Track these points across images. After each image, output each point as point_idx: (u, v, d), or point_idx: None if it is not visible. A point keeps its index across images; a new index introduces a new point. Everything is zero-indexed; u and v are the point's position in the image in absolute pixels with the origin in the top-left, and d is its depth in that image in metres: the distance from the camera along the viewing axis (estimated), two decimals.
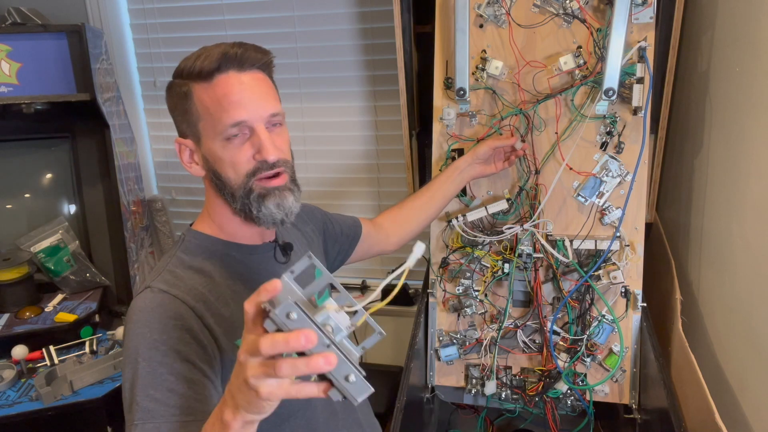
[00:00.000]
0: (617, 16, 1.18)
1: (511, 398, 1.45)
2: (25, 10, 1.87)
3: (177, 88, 0.88)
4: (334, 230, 1.24)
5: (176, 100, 0.88)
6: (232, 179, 0.88)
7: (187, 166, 0.90)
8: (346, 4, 2.03)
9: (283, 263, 0.99)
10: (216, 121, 0.84)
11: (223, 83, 0.84)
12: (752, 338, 1.02)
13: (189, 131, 0.89)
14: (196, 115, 0.86)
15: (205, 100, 0.85)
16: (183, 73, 0.87)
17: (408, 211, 1.35)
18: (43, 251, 1.82)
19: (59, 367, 1.49)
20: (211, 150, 0.87)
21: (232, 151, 0.86)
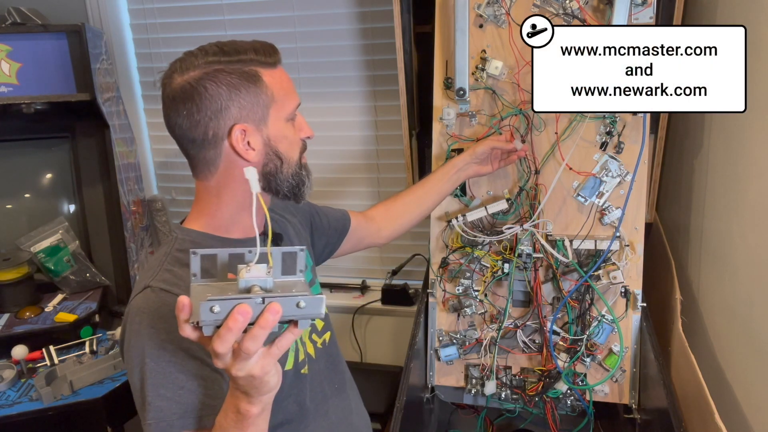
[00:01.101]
0: (617, 16, 1.18)
1: (511, 398, 1.45)
2: (25, 10, 1.86)
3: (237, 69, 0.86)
4: (321, 223, 1.23)
5: (236, 82, 0.86)
6: (291, 157, 0.93)
7: (244, 152, 0.88)
8: (346, 4, 2.02)
9: None
10: (285, 103, 0.91)
11: (282, 72, 0.92)
12: (752, 338, 1.02)
13: (252, 115, 0.88)
14: (267, 98, 0.89)
15: (275, 84, 0.90)
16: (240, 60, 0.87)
17: (401, 206, 1.35)
18: (43, 251, 1.82)
19: (59, 367, 1.49)
20: (279, 132, 0.91)
21: (292, 131, 0.94)
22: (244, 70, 0.86)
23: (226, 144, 0.87)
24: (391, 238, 1.37)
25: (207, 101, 0.85)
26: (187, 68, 0.86)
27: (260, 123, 0.89)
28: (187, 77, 0.85)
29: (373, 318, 2.30)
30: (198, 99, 0.85)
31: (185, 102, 0.85)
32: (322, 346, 1.09)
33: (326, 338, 1.11)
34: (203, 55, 0.86)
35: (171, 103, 0.87)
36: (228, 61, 0.86)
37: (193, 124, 0.86)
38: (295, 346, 1.00)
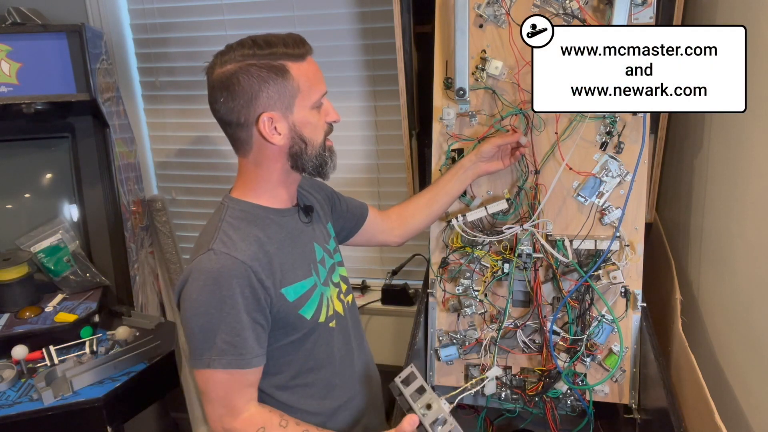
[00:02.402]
0: (617, 16, 1.18)
1: (511, 398, 1.45)
2: (25, 10, 1.86)
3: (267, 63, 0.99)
4: (341, 207, 1.34)
5: (265, 75, 0.99)
6: (315, 140, 1.05)
7: (270, 136, 1.01)
8: (346, 4, 2.03)
9: (306, 222, 1.17)
10: (311, 92, 1.02)
11: (310, 63, 1.03)
12: (752, 338, 1.02)
13: (279, 104, 1.01)
14: (294, 90, 1.01)
15: (301, 76, 1.01)
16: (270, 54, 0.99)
17: (413, 208, 1.41)
18: (43, 251, 1.82)
19: (59, 367, 1.49)
20: (304, 119, 1.03)
21: (318, 116, 1.05)
22: (273, 64, 0.99)
23: (255, 130, 1.02)
24: (404, 238, 1.44)
25: (240, 91, 0.99)
26: (226, 61, 0.99)
27: (287, 111, 1.02)
28: (225, 69, 0.99)
29: (373, 318, 2.30)
30: (232, 89, 0.99)
31: (222, 90, 1.00)
32: (348, 306, 1.25)
33: (349, 300, 1.27)
34: (240, 48, 0.99)
35: (212, 91, 1.02)
36: (260, 55, 0.98)
37: (228, 109, 1.01)
38: (327, 302, 1.16)
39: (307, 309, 1.09)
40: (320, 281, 1.14)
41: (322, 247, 1.19)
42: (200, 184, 2.41)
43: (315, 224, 1.20)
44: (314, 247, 1.16)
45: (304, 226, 1.15)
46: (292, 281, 1.07)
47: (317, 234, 1.19)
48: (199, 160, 2.38)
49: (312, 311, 1.10)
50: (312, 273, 1.13)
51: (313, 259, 1.15)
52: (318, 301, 1.12)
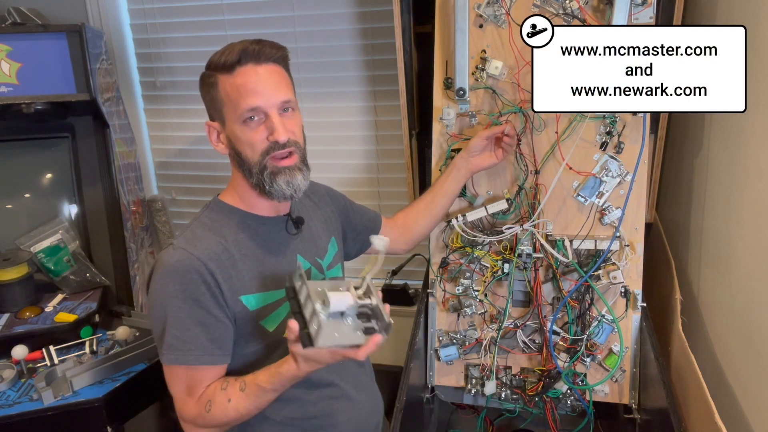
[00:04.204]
0: (617, 16, 1.18)
1: (511, 398, 1.45)
2: (25, 10, 1.86)
3: (206, 78, 1.04)
4: (354, 220, 1.33)
5: (206, 89, 1.04)
6: (249, 157, 1.02)
7: (215, 144, 1.06)
8: (346, 4, 2.02)
9: (293, 235, 1.13)
10: (236, 106, 1.00)
11: (242, 74, 0.99)
12: (752, 338, 1.02)
13: (216, 116, 1.05)
14: (221, 102, 1.02)
15: (228, 88, 1.00)
16: (211, 65, 1.02)
17: (414, 214, 1.40)
18: (43, 251, 1.82)
19: (59, 367, 1.49)
20: (232, 131, 1.02)
21: (249, 132, 1.01)
22: (208, 79, 1.03)
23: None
24: (411, 245, 1.43)
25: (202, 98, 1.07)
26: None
27: (220, 122, 1.05)
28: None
29: None
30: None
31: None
32: None
33: None
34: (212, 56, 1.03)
35: None
36: (210, 64, 1.03)
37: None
38: None
39: (270, 321, 1.06)
40: None
41: (309, 260, 1.15)
42: (200, 184, 2.41)
43: (305, 237, 1.16)
44: (297, 259, 1.13)
45: (289, 238, 1.12)
46: (255, 290, 1.04)
47: (305, 246, 1.15)
48: (199, 160, 2.38)
49: (276, 324, 1.07)
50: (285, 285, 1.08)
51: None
52: (285, 314, 1.08)
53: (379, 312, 0.90)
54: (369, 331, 0.90)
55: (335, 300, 0.88)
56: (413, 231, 1.40)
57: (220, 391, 1.00)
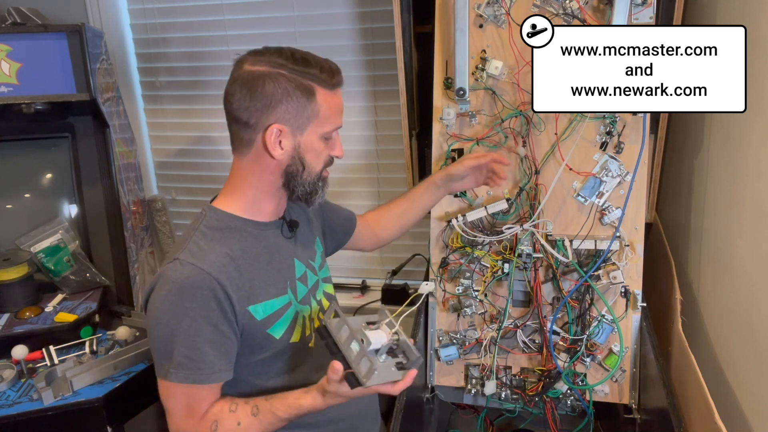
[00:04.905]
0: (617, 16, 1.18)
1: (511, 398, 1.45)
2: (25, 10, 1.86)
3: (297, 79, 0.98)
4: (331, 219, 1.33)
5: (291, 89, 0.98)
6: (311, 167, 1.04)
7: (273, 148, 1.00)
8: (346, 4, 2.02)
9: (288, 238, 1.13)
10: (326, 122, 1.02)
11: (338, 95, 1.04)
12: (752, 338, 1.02)
13: (293, 120, 0.99)
14: (312, 112, 1.00)
15: (326, 103, 1.01)
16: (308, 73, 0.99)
17: (385, 221, 1.42)
18: (43, 251, 1.82)
19: (59, 367, 1.48)
20: (309, 142, 1.02)
21: (324, 146, 1.05)
22: (302, 81, 0.98)
23: (260, 136, 0.99)
24: (376, 246, 1.46)
25: (260, 95, 0.97)
26: (259, 61, 0.98)
27: (297, 130, 1.00)
28: (254, 68, 0.98)
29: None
30: (254, 89, 0.97)
31: (244, 87, 0.98)
32: None
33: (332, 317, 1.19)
34: (277, 54, 0.98)
35: (233, 83, 0.99)
36: (294, 68, 0.98)
37: (242, 107, 0.98)
38: (303, 322, 1.12)
39: (276, 328, 1.05)
40: (297, 299, 1.11)
41: (304, 263, 1.16)
42: (200, 184, 2.41)
43: (299, 239, 1.16)
44: (294, 263, 1.13)
45: (285, 241, 1.12)
46: (262, 299, 1.04)
47: (300, 250, 1.16)
48: (199, 160, 2.38)
49: (282, 331, 1.06)
50: (287, 291, 1.09)
51: (290, 276, 1.11)
52: (291, 320, 1.08)
53: (408, 347, 0.94)
54: (401, 365, 0.94)
55: (373, 338, 0.91)
56: (381, 237, 1.42)
57: (228, 413, 1.00)
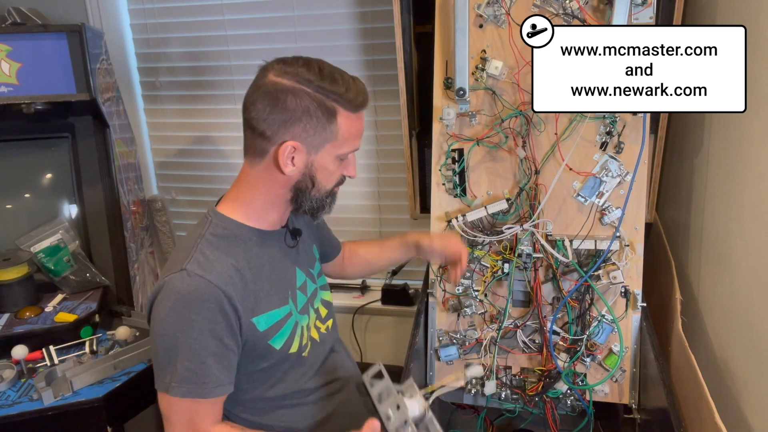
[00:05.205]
0: (617, 16, 1.18)
1: (511, 398, 1.45)
2: (25, 10, 1.86)
3: (320, 99, 0.96)
4: (322, 235, 1.32)
5: (313, 108, 0.95)
6: (324, 185, 1.03)
7: (285, 165, 0.98)
8: (346, 4, 2.03)
9: (291, 247, 1.13)
10: (344, 144, 1.00)
11: (361, 118, 1.02)
12: (752, 338, 1.02)
13: (309, 139, 0.97)
14: (331, 133, 0.98)
15: (346, 125, 0.99)
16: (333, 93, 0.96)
17: (358, 259, 1.43)
18: (43, 251, 1.82)
19: (59, 367, 1.48)
20: (322, 162, 1.00)
21: (338, 167, 1.03)
22: (325, 102, 0.96)
23: (274, 149, 0.97)
24: (338, 278, 1.46)
25: (281, 109, 0.95)
26: (286, 72, 0.96)
27: (312, 149, 0.98)
28: (279, 80, 0.95)
29: (373, 318, 2.30)
30: (275, 103, 0.95)
31: (265, 98, 0.95)
32: (326, 331, 1.21)
33: (329, 325, 1.23)
34: (305, 69, 0.96)
35: (255, 92, 0.97)
36: (319, 86, 0.95)
37: (261, 118, 0.96)
38: (301, 332, 1.11)
39: (277, 339, 1.05)
40: (297, 309, 1.11)
41: (305, 271, 1.16)
42: (200, 184, 2.41)
43: (300, 247, 1.16)
44: (296, 272, 1.13)
45: (288, 250, 1.12)
46: (264, 310, 1.03)
47: (301, 258, 1.15)
48: (199, 160, 2.38)
49: (282, 341, 1.06)
50: (288, 301, 1.09)
51: (292, 286, 1.11)
52: (290, 330, 1.08)
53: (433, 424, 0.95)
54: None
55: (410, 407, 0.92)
56: (346, 273, 1.43)
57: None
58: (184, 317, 0.93)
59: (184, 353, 0.94)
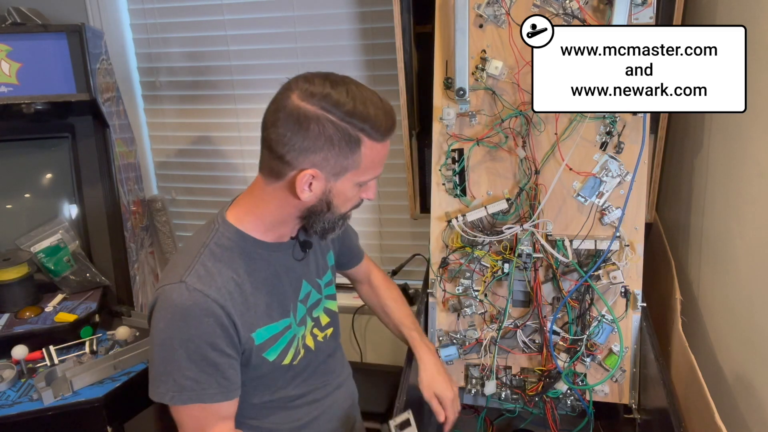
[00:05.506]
0: (617, 16, 1.18)
1: (511, 398, 1.45)
2: (25, 10, 1.86)
3: (344, 128, 0.91)
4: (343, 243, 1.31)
5: (336, 139, 0.91)
6: (339, 210, 1.01)
7: (301, 191, 0.95)
8: (346, 4, 2.03)
9: (299, 260, 1.11)
10: (366, 172, 0.97)
11: (384, 146, 0.98)
12: (752, 338, 1.02)
13: (330, 168, 0.94)
14: (354, 162, 0.94)
15: (371, 154, 0.95)
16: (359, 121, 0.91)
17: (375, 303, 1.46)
18: (43, 251, 1.82)
19: (59, 367, 1.49)
20: (341, 188, 0.98)
21: (357, 192, 1.01)
22: (350, 132, 0.91)
23: (292, 174, 0.94)
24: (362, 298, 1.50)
25: (302, 137, 0.90)
26: (311, 95, 0.90)
27: (332, 177, 0.96)
28: (303, 105, 0.90)
29: (373, 318, 2.29)
30: (296, 129, 0.90)
31: (287, 122, 0.91)
32: (323, 339, 1.20)
33: (328, 333, 1.20)
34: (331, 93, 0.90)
35: (276, 112, 0.92)
36: (344, 115, 0.90)
37: (281, 141, 0.92)
38: (297, 343, 1.09)
39: (271, 352, 1.05)
40: (296, 321, 1.10)
41: (311, 282, 1.15)
42: (200, 184, 2.41)
43: (311, 257, 1.14)
44: (301, 284, 1.12)
45: (295, 263, 1.10)
46: (263, 323, 1.03)
47: (310, 269, 1.14)
48: (199, 160, 2.38)
49: (276, 354, 1.06)
50: (289, 314, 1.08)
51: (294, 298, 1.10)
52: (286, 343, 1.08)
53: None
54: None
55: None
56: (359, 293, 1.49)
57: None
58: (182, 330, 0.93)
59: (183, 364, 0.94)
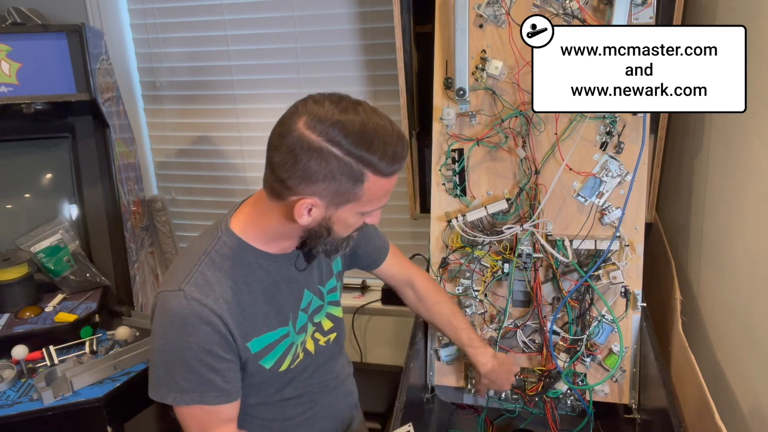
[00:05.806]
0: (617, 16, 1.18)
1: (511, 398, 1.45)
2: (25, 10, 1.86)
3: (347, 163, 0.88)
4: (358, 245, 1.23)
5: (338, 173, 0.88)
6: (340, 234, 0.99)
7: (300, 217, 0.93)
8: (346, 4, 2.03)
9: (301, 270, 1.09)
10: (368, 204, 0.94)
11: (390, 181, 0.94)
12: (752, 338, 1.02)
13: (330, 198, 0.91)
14: (354, 196, 0.92)
15: (374, 188, 0.92)
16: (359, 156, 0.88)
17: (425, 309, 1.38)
18: (43, 251, 1.82)
19: (59, 367, 1.48)
20: (342, 216, 0.95)
21: (359, 219, 0.98)
22: (354, 167, 0.88)
23: (292, 199, 0.92)
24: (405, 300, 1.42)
25: (304, 167, 0.88)
26: (319, 122, 0.88)
27: (333, 206, 0.93)
28: (308, 132, 0.87)
29: (373, 318, 2.30)
30: (300, 158, 0.87)
31: (291, 149, 0.88)
32: (326, 344, 1.18)
33: (331, 338, 1.19)
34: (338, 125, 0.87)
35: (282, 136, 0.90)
36: (350, 150, 0.87)
37: (283, 166, 0.89)
38: (295, 350, 1.10)
39: (268, 360, 1.05)
40: (295, 330, 1.09)
41: (313, 290, 1.13)
42: (200, 184, 2.41)
43: (312, 266, 1.12)
44: (303, 293, 1.10)
45: (297, 273, 1.09)
46: (261, 332, 1.03)
47: (312, 278, 1.13)
48: (199, 160, 2.38)
49: (273, 361, 1.06)
50: (288, 322, 1.07)
51: (294, 307, 1.09)
52: (283, 351, 1.07)
53: None
54: None
55: None
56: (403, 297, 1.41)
57: None
58: (181, 337, 0.95)
59: (183, 368, 0.96)
